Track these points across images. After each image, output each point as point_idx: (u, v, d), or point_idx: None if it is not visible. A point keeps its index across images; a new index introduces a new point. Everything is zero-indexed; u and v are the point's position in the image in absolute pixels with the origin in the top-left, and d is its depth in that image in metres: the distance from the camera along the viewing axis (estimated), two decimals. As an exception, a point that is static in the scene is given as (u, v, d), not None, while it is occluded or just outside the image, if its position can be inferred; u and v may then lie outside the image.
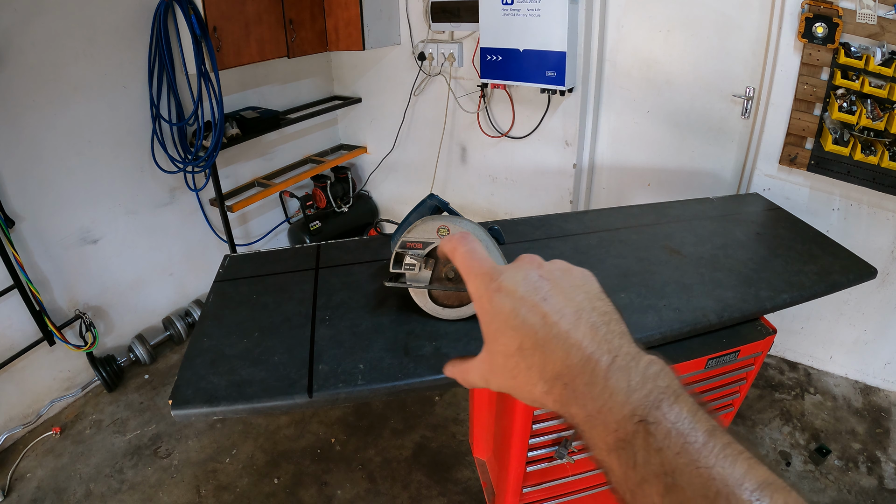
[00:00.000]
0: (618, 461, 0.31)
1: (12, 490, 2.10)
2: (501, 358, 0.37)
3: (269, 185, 3.17)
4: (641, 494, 0.30)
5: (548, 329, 0.34)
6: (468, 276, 0.40)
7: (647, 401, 0.31)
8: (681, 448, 0.29)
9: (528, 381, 0.35)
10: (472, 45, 2.94)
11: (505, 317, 0.36)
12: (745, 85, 2.36)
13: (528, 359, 0.35)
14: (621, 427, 0.31)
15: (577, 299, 0.36)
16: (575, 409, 0.33)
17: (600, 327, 0.34)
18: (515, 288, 0.36)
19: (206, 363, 1.12)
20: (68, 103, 2.32)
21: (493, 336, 0.37)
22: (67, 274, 2.46)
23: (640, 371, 0.32)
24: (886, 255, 2.21)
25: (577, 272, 0.38)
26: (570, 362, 0.33)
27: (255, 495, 2.04)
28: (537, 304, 0.35)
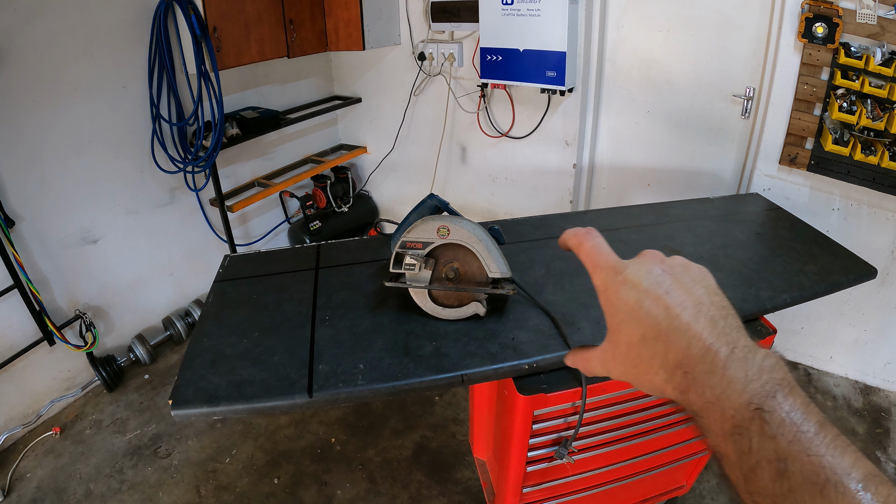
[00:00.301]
0: (733, 446, 0.33)
1: (12, 490, 2.10)
2: (625, 347, 0.39)
3: (269, 185, 3.17)
4: (754, 478, 0.32)
5: (670, 321, 0.36)
6: (594, 269, 0.42)
7: (763, 390, 0.33)
8: (793, 436, 0.31)
9: (650, 369, 0.38)
10: (472, 45, 2.94)
11: (629, 308, 0.38)
12: (745, 85, 2.36)
13: (651, 348, 0.37)
14: (738, 414, 0.33)
15: (696, 293, 0.38)
16: (693, 396, 0.35)
17: (719, 321, 0.36)
18: (640, 281, 0.39)
19: (206, 363, 1.12)
20: (68, 103, 2.32)
21: (618, 326, 0.40)
22: (67, 274, 2.46)
23: (757, 363, 0.34)
24: (886, 255, 2.21)
25: (695, 268, 0.41)
26: (690, 352, 0.35)
27: (255, 495, 2.04)
28: (661, 296, 0.37)
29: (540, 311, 1.25)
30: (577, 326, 1.20)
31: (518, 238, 1.60)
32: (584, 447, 1.27)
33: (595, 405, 1.20)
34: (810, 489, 0.29)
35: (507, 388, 1.20)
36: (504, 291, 1.18)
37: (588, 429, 1.25)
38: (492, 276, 1.17)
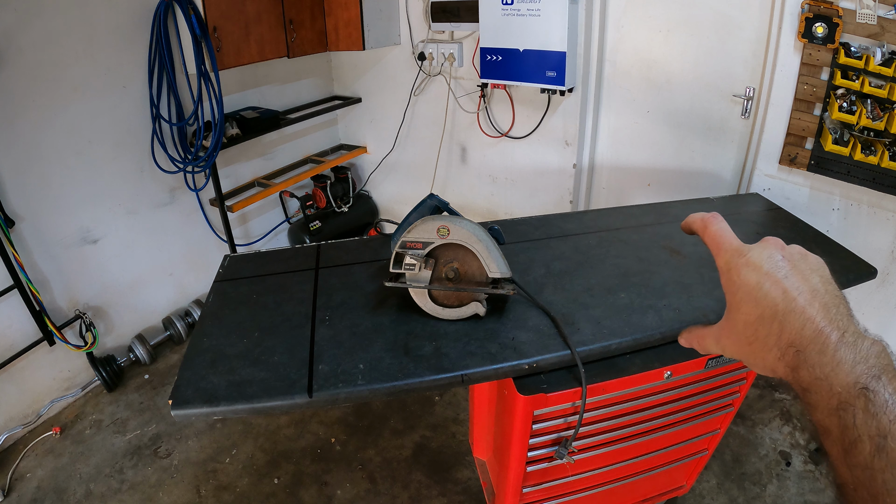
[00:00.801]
0: (837, 421, 0.36)
1: (12, 490, 2.10)
2: (742, 325, 0.43)
3: (269, 185, 3.17)
4: (855, 452, 0.34)
5: (787, 303, 0.40)
6: (718, 250, 0.47)
7: (870, 372, 0.36)
8: (894, 416, 0.33)
9: (764, 347, 0.42)
10: (472, 45, 2.94)
11: (750, 288, 0.42)
12: (745, 85, 2.36)
13: (767, 327, 0.41)
14: (844, 391, 0.36)
15: (812, 281, 0.42)
16: (804, 373, 0.39)
17: (831, 307, 0.40)
18: (761, 264, 0.43)
19: (206, 363, 1.12)
20: (68, 103, 2.32)
21: (737, 305, 0.43)
22: (67, 274, 2.46)
23: (865, 348, 0.37)
24: (886, 255, 2.21)
25: (812, 258, 0.44)
26: (804, 333, 0.39)
27: (255, 495, 2.04)
28: (779, 280, 0.41)
29: (540, 311, 1.25)
30: (577, 326, 1.20)
31: (518, 238, 1.60)
32: (583, 447, 1.27)
33: (595, 405, 1.20)
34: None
35: (507, 388, 1.19)
36: (504, 291, 1.18)
37: (588, 429, 1.25)
38: (492, 276, 1.17)
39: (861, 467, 0.34)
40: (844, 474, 0.35)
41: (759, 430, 2.26)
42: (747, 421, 2.30)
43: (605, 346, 1.16)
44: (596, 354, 1.17)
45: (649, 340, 1.19)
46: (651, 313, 1.24)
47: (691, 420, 1.37)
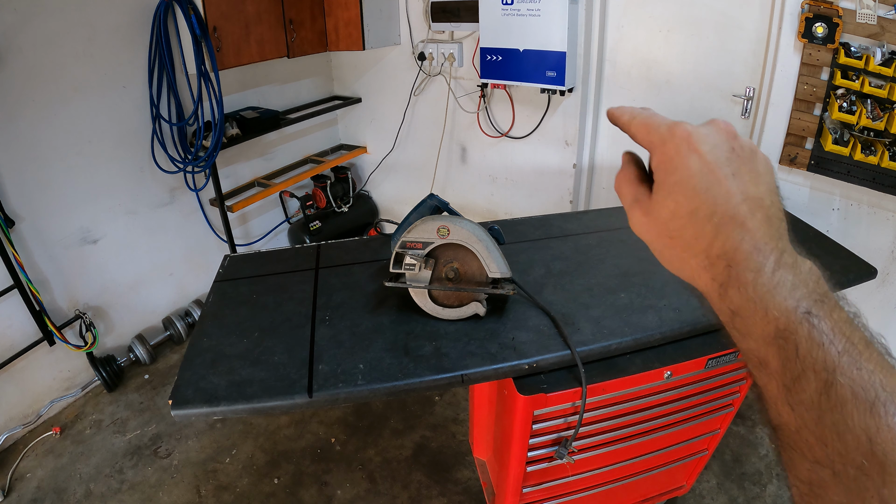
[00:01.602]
0: (777, 351, 0.31)
1: (12, 490, 2.10)
2: (668, 214, 0.36)
3: (269, 185, 3.17)
4: (798, 389, 0.30)
5: (728, 207, 0.34)
6: (648, 131, 0.38)
7: (812, 297, 0.31)
8: (843, 348, 0.29)
9: (689, 249, 0.35)
10: (472, 45, 2.94)
11: (689, 174, 0.35)
12: (745, 85, 2.36)
13: (698, 227, 0.34)
14: (784, 316, 0.31)
15: (760, 188, 0.35)
16: (734, 292, 0.33)
17: (774, 222, 0.34)
18: (706, 151, 0.35)
19: (206, 363, 1.12)
20: (68, 103, 2.31)
21: (669, 189, 0.36)
22: (67, 274, 2.46)
23: (805, 272, 0.32)
24: (886, 255, 2.21)
25: (762, 158, 0.37)
26: (741, 247, 0.33)
27: (255, 495, 2.04)
28: (723, 178, 0.34)
29: (540, 311, 1.25)
30: (577, 326, 1.20)
31: (518, 238, 1.60)
32: (584, 447, 1.27)
33: (595, 405, 1.20)
34: (860, 406, 0.27)
35: (507, 388, 1.20)
36: (504, 291, 1.18)
37: (588, 429, 1.25)
38: (492, 276, 1.17)
39: (806, 406, 0.29)
40: (785, 414, 0.30)
41: (759, 430, 2.26)
42: (747, 421, 2.30)
43: (605, 346, 1.16)
44: (596, 354, 1.17)
45: (649, 340, 1.19)
46: (651, 313, 1.24)
47: (691, 420, 1.37)
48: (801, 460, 0.29)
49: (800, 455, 0.29)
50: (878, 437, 0.26)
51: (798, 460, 0.29)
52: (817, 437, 0.28)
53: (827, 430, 0.28)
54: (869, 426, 0.27)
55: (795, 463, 0.30)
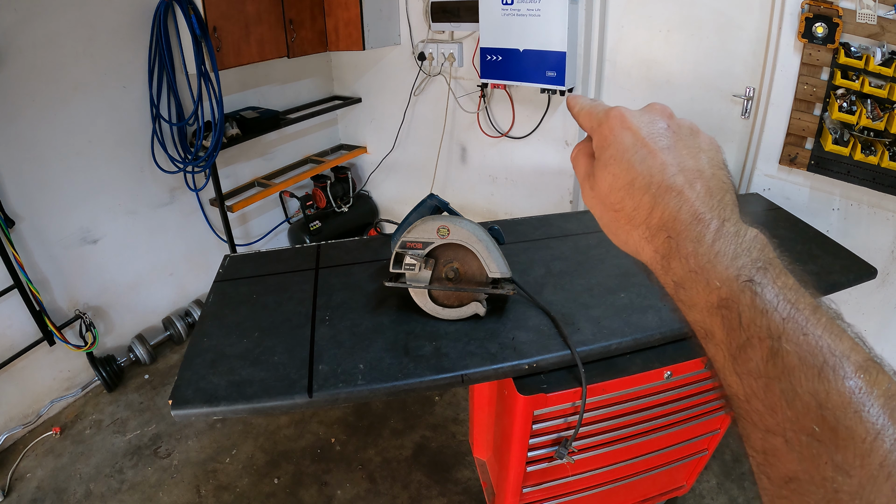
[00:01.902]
0: (721, 321, 0.31)
1: (12, 490, 2.10)
2: (606, 185, 0.37)
3: (269, 185, 3.17)
4: (744, 358, 0.29)
5: (663, 178, 0.34)
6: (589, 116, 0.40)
7: (754, 265, 0.30)
8: (788, 314, 0.28)
9: (630, 221, 0.35)
10: (472, 45, 2.94)
11: (623, 149, 0.36)
12: (745, 85, 2.36)
13: (636, 199, 0.35)
14: (726, 285, 0.30)
15: (700, 160, 0.35)
16: (675, 263, 0.33)
17: (716, 193, 0.34)
18: (640, 128, 0.36)
19: (206, 363, 1.12)
20: (68, 103, 2.31)
21: (605, 162, 0.37)
22: (67, 274, 2.46)
23: (748, 240, 0.32)
24: (886, 255, 2.21)
25: (705, 137, 0.38)
26: (679, 216, 0.33)
27: (255, 495, 2.04)
28: (657, 150, 0.35)
29: (540, 311, 1.25)
30: (577, 326, 1.20)
31: (518, 238, 1.60)
32: (584, 447, 1.27)
33: (595, 405, 1.20)
34: (808, 371, 0.27)
35: (507, 388, 1.20)
36: (504, 291, 1.18)
37: (588, 429, 1.25)
38: (492, 276, 1.17)
39: (753, 375, 0.28)
40: (734, 384, 0.30)
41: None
42: (747, 421, 2.30)
43: (605, 346, 1.16)
44: (596, 354, 1.17)
45: (649, 340, 1.19)
46: (651, 313, 1.24)
47: (691, 420, 1.37)
48: (754, 429, 0.29)
49: (752, 424, 0.29)
50: (828, 402, 0.26)
51: (751, 430, 0.29)
52: (767, 405, 0.28)
53: (776, 397, 0.27)
54: (818, 391, 0.26)
55: (749, 433, 0.29)
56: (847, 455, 0.25)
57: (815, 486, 0.26)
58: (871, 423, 0.25)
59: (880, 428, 0.25)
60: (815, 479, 0.26)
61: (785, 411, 0.27)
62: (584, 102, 0.41)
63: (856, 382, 0.26)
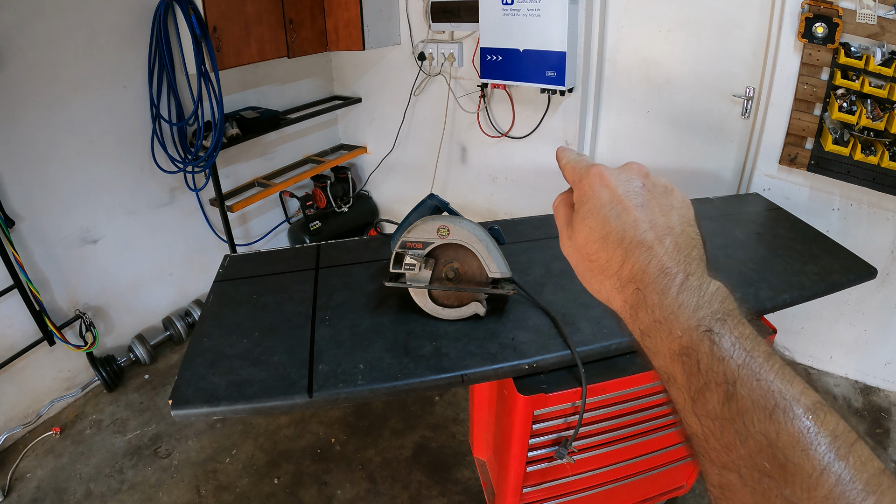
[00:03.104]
0: (681, 367, 0.33)
1: (12, 490, 2.10)
2: (583, 238, 0.40)
3: (269, 185, 3.17)
4: (702, 400, 0.32)
5: (635, 233, 0.37)
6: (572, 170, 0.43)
7: (715, 316, 0.33)
8: (743, 361, 0.31)
9: (604, 272, 0.38)
10: (472, 45, 2.94)
11: (601, 203, 0.39)
12: (745, 85, 2.36)
13: (610, 252, 0.38)
14: (686, 334, 0.33)
15: (671, 218, 0.38)
16: (643, 313, 0.36)
17: (683, 249, 0.36)
18: (617, 185, 0.39)
19: (206, 363, 1.12)
20: (68, 103, 2.31)
21: (583, 216, 0.40)
22: (67, 274, 2.46)
23: (710, 292, 0.34)
24: (886, 255, 2.21)
25: (677, 195, 0.41)
26: (648, 270, 0.36)
27: (255, 495, 2.04)
28: (632, 208, 0.38)
29: (540, 311, 1.25)
30: (577, 326, 1.20)
31: (518, 238, 1.60)
32: (583, 447, 1.27)
33: (595, 405, 1.20)
34: (760, 413, 0.29)
35: (507, 388, 1.20)
36: (504, 291, 1.18)
37: (588, 429, 1.25)
38: (492, 276, 1.17)
39: (710, 417, 0.31)
40: (693, 424, 0.32)
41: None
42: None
43: (606, 346, 1.16)
44: (596, 354, 1.17)
45: (649, 340, 1.19)
46: (651, 313, 1.23)
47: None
48: (711, 466, 0.31)
49: (709, 461, 0.31)
50: (778, 441, 0.28)
51: (708, 466, 0.32)
52: (723, 444, 0.30)
53: (730, 437, 0.30)
54: (769, 431, 0.28)
55: (707, 469, 0.32)
56: (795, 489, 0.27)
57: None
58: (817, 460, 0.27)
59: (826, 464, 0.27)
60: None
61: (739, 450, 0.30)
62: (571, 157, 0.44)
63: (804, 423, 0.28)
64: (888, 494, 0.26)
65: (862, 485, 0.26)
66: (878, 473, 0.27)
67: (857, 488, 0.26)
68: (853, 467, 0.27)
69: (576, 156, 0.44)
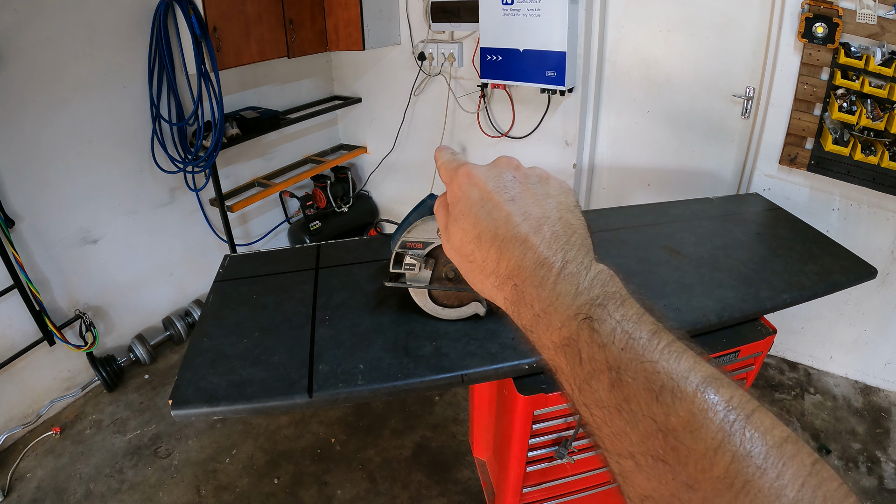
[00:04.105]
0: (565, 359, 0.32)
1: (12, 490, 2.10)
2: (458, 239, 0.38)
3: (269, 185, 3.17)
4: (589, 390, 0.30)
5: (508, 228, 0.35)
6: (444, 170, 0.42)
7: (594, 302, 0.31)
8: (625, 344, 0.29)
9: (482, 271, 0.37)
10: (472, 45, 2.94)
11: (470, 204, 0.38)
12: (745, 85, 2.36)
13: (485, 251, 0.36)
14: (565, 325, 0.32)
15: (546, 207, 0.36)
16: (523, 309, 0.34)
17: (561, 236, 0.35)
18: (486, 182, 0.38)
19: (206, 363, 1.12)
20: (68, 103, 2.31)
21: (456, 217, 0.39)
22: (67, 274, 2.46)
23: (590, 278, 0.33)
24: (886, 255, 2.21)
25: (554, 182, 0.39)
26: (523, 264, 0.34)
27: (255, 495, 2.04)
28: (502, 203, 0.36)
29: (540, 311, 1.25)
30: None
31: (518, 238, 1.59)
32: (584, 447, 1.27)
33: (595, 405, 1.20)
34: (646, 396, 0.28)
35: (507, 388, 1.20)
36: (504, 291, 1.18)
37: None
38: (492, 276, 1.17)
39: (598, 406, 0.30)
40: (584, 414, 0.31)
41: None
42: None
43: (605, 346, 1.16)
44: (596, 354, 1.16)
45: (649, 340, 1.19)
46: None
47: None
48: (608, 454, 0.30)
49: (605, 450, 0.30)
50: (668, 424, 0.27)
51: (605, 455, 0.30)
52: (614, 432, 0.29)
53: (620, 424, 0.29)
54: (657, 414, 0.27)
55: (605, 457, 0.30)
56: (689, 471, 0.26)
57: (666, 503, 0.27)
58: (710, 439, 0.26)
59: (720, 441, 0.25)
60: (666, 496, 0.27)
61: (630, 436, 0.28)
62: (445, 157, 0.43)
63: (693, 401, 0.27)
64: (791, 464, 0.25)
65: (761, 458, 0.25)
66: (779, 443, 0.25)
67: (756, 462, 0.25)
68: (750, 440, 0.25)
69: (449, 155, 0.43)
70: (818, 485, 0.24)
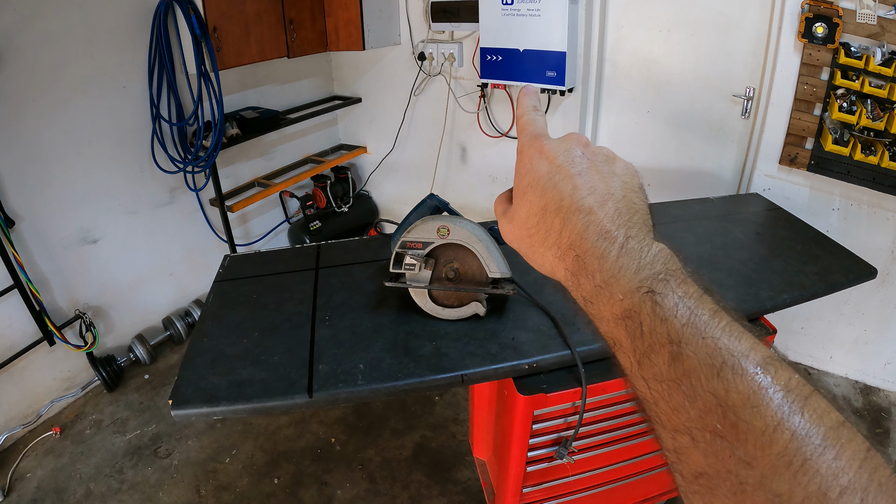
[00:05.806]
0: (625, 331, 0.32)
1: (12, 490, 2.10)
2: (524, 213, 0.39)
3: (269, 185, 3.17)
4: (648, 364, 0.31)
5: (574, 200, 0.36)
6: (521, 133, 0.42)
7: (656, 277, 0.32)
8: (687, 320, 0.30)
9: (544, 243, 0.38)
10: (472, 45, 2.94)
11: (539, 176, 0.38)
12: (745, 85, 2.36)
13: (549, 222, 0.37)
14: (627, 297, 0.32)
15: (612, 184, 0.37)
16: (584, 279, 0.35)
17: (624, 213, 0.36)
18: (556, 155, 0.38)
19: (206, 363, 1.12)
20: (68, 103, 2.31)
21: (523, 191, 0.39)
22: (67, 274, 2.46)
23: (651, 254, 0.33)
24: (886, 255, 2.21)
25: (620, 163, 0.40)
26: (586, 235, 0.35)
27: (255, 495, 2.04)
28: (572, 175, 0.37)
29: (540, 311, 1.25)
30: (576, 326, 1.20)
31: (518, 238, 1.59)
32: (584, 447, 1.27)
33: (595, 405, 1.20)
34: (707, 371, 0.28)
35: (507, 388, 1.20)
36: (504, 291, 1.18)
37: (588, 429, 1.25)
38: (492, 276, 1.17)
39: (657, 379, 0.30)
40: (642, 388, 0.31)
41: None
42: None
43: (606, 345, 1.16)
44: (596, 354, 1.17)
45: (649, 340, 1.19)
46: (651, 313, 1.23)
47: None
48: (663, 430, 0.30)
49: (661, 426, 0.30)
50: (728, 400, 0.27)
51: (661, 430, 0.30)
52: (672, 406, 0.29)
53: (679, 399, 0.29)
54: (717, 390, 0.27)
55: (660, 433, 0.31)
56: (748, 448, 0.26)
57: (722, 480, 0.27)
58: (770, 417, 0.26)
59: (780, 420, 0.26)
60: (721, 473, 0.27)
61: (688, 411, 0.28)
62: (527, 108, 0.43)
63: (754, 379, 0.27)
64: (848, 448, 0.25)
65: (819, 439, 0.25)
66: (836, 426, 0.26)
67: (815, 443, 0.25)
68: (809, 421, 0.26)
69: (532, 109, 0.43)
70: (874, 469, 0.25)
